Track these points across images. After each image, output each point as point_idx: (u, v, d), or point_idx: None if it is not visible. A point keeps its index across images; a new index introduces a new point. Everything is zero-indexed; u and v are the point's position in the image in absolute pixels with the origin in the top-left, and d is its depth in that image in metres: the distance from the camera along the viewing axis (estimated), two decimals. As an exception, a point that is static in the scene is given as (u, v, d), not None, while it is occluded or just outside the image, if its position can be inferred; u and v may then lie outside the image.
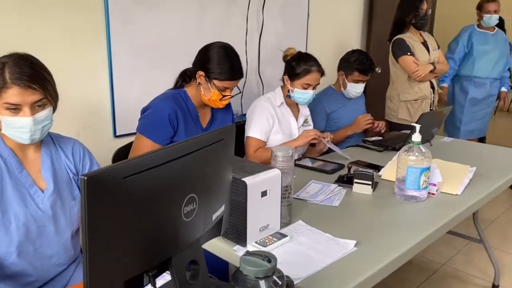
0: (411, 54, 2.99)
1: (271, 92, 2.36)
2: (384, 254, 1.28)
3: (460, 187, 1.77)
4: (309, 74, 2.24)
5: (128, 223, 0.76)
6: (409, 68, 2.99)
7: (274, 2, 2.90)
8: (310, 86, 2.25)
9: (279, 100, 2.31)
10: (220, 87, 1.85)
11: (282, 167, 1.40)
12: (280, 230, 1.38)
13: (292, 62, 2.27)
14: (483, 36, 3.60)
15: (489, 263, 2.49)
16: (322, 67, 2.29)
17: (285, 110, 2.32)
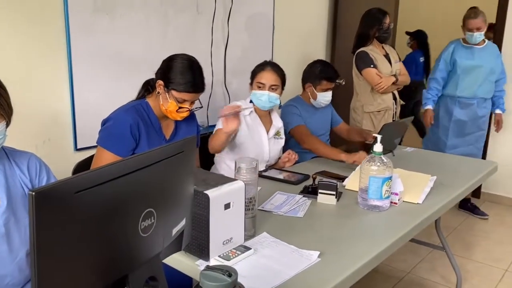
0: (374, 66, 3.06)
1: (242, 101, 2.36)
2: (348, 264, 1.29)
3: (421, 196, 1.81)
4: (262, 72, 2.26)
5: (81, 240, 0.73)
6: (372, 80, 3.06)
7: (239, 14, 2.92)
8: (265, 86, 2.24)
9: (248, 109, 2.30)
10: (178, 98, 1.82)
11: (246, 178, 1.39)
12: (244, 243, 1.36)
13: (254, 67, 2.33)
14: (468, 51, 3.35)
15: (452, 270, 2.55)
16: (281, 70, 2.28)
17: (254, 118, 2.32)
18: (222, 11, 2.81)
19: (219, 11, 2.78)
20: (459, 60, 3.34)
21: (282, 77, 2.31)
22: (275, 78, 2.27)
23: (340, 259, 1.32)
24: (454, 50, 3.41)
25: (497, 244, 3.11)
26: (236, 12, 2.89)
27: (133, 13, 2.35)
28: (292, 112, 2.63)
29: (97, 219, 0.75)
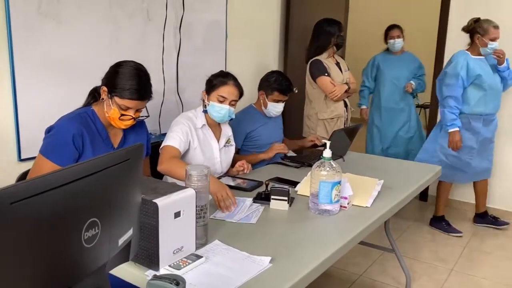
0: (328, 75, 3.14)
1: (192, 111, 2.32)
2: (299, 268, 1.30)
3: (370, 200, 1.87)
4: (225, 85, 2.21)
5: (17, 253, 0.69)
6: (326, 88, 3.13)
7: (191, 21, 2.91)
8: (226, 100, 2.20)
9: (200, 122, 2.26)
10: (121, 105, 1.77)
11: (197, 186, 1.38)
12: (195, 251, 1.35)
13: (211, 77, 2.28)
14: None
15: (401, 271, 2.63)
16: (241, 86, 2.27)
17: (206, 131, 2.28)
18: (173, 17, 2.79)
19: (171, 18, 2.76)
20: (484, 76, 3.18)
21: (241, 93, 2.29)
22: (237, 93, 2.25)
23: (292, 264, 1.34)
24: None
25: (443, 245, 3.24)
26: (188, 19, 2.87)
27: (80, 18, 2.29)
28: (237, 131, 2.64)
29: (36, 230, 0.72)
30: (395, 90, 3.97)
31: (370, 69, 4.09)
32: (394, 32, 3.90)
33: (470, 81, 3.19)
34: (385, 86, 3.99)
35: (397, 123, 4.01)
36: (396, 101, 3.98)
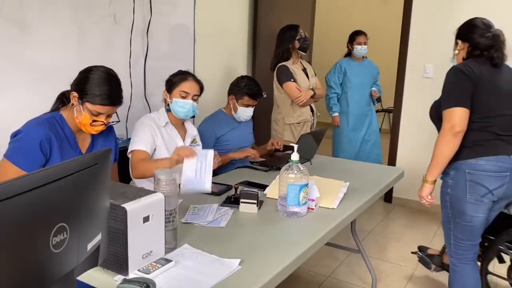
0: (294, 80, 3.19)
1: (155, 112, 2.33)
2: (267, 270, 1.32)
3: (336, 201, 1.91)
4: (185, 81, 2.26)
5: (-18, 259, 0.69)
6: (292, 93, 3.18)
7: (159, 26, 2.90)
8: (189, 95, 2.24)
9: (164, 120, 2.27)
10: (92, 111, 1.76)
11: (166, 190, 1.38)
12: (165, 255, 1.35)
13: (170, 77, 2.32)
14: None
15: (368, 271, 2.70)
16: (201, 81, 2.31)
17: (170, 130, 2.29)
18: (141, 22, 2.77)
19: (138, 22, 2.74)
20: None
21: (202, 88, 2.34)
22: (198, 88, 2.30)
23: (260, 265, 1.36)
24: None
25: (407, 245, 3.34)
26: (156, 23, 2.86)
27: (44, 22, 2.25)
28: (207, 136, 2.66)
29: (2, 235, 0.71)
30: (361, 96, 4.08)
31: (337, 75, 4.11)
32: (361, 38, 3.98)
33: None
34: (352, 92, 4.06)
35: (363, 128, 4.13)
36: (362, 106, 4.10)
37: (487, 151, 1.91)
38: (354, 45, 3.99)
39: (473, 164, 1.92)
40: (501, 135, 1.93)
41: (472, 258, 2.08)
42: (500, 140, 1.93)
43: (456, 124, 1.90)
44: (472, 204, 1.96)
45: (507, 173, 1.90)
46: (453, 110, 1.91)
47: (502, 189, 1.92)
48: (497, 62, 1.97)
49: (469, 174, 1.94)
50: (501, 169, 1.90)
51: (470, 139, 1.93)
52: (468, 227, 2.01)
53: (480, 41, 1.99)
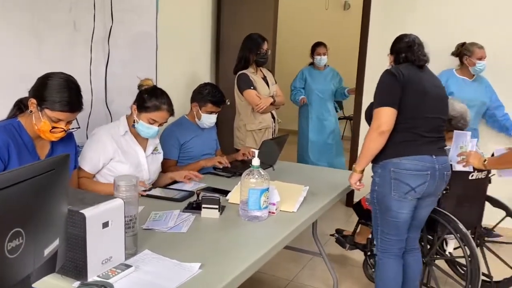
0: (253, 88, 3.24)
1: (116, 121, 2.31)
2: (227, 272, 1.35)
3: (296, 205, 1.97)
4: (158, 111, 2.21)
5: None
6: (252, 101, 3.23)
7: (120, 33, 2.89)
8: (156, 123, 2.22)
9: (123, 129, 2.25)
10: (52, 117, 1.73)
11: (126, 196, 1.39)
12: (125, 261, 1.36)
13: (145, 94, 2.25)
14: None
15: (329, 274, 2.76)
16: (173, 108, 2.28)
17: (130, 139, 2.27)
18: (102, 29, 2.75)
19: (99, 29, 2.72)
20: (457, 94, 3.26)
21: (172, 115, 2.32)
22: (168, 117, 2.28)
23: (221, 268, 1.38)
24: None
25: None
26: (117, 31, 2.85)
27: (0, 27, 2.20)
28: (171, 144, 2.66)
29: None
30: (321, 102, 4.33)
31: (298, 81, 4.41)
32: (321, 49, 4.28)
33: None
34: (312, 99, 4.33)
35: (324, 132, 4.30)
36: (322, 112, 4.35)
37: (410, 151, 2.03)
38: (315, 55, 4.29)
39: (396, 163, 2.04)
40: (425, 136, 2.04)
41: (396, 253, 2.20)
42: (424, 140, 2.05)
43: (382, 123, 2.00)
44: (397, 201, 2.07)
45: (428, 171, 2.02)
46: (381, 110, 2.02)
47: (423, 187, 2.03)
48: (419, 62, 2.12)
49: (393, 172, 2.05)
50: (423, 168, 2.02)
51: (396, 139, 2.04)
52: (394, 223, 2.13)
53: (400, 46, 2.18)
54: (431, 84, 2.12)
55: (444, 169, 2.09)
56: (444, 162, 2.10)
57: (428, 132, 2.06)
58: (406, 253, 2.26)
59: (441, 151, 2.11)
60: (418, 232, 2.29)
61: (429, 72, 2.18)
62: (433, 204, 2.21)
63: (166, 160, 2.57)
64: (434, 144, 2.08)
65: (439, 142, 2.12)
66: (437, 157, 2.06)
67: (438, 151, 2.09)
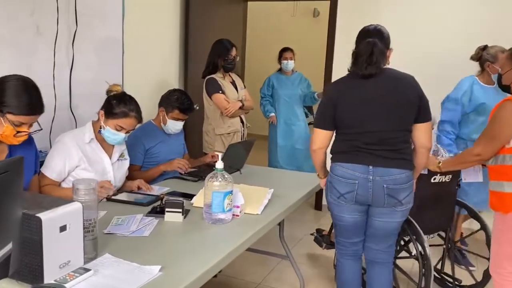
0: (222, 92, 3.26)
1: (81, 128, 2.28)
2: (188, 275, 1.36)
3: (260, 207, 1.99)
4: (126, 118, 2.18)
5: None
6: (220, 104, 3.25)
7: (85, 37, 2.86)
8: (123, 130, 2.20)
9: (89, 135, 2.21)
10: (14, 121, 1.71)
11: (85, 200, 1.38)
12: (84, 265, 1.35)
13: (113, 100, 2.22)
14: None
15: (296, 276, 2.79)
16: (141, 115, 2.26)
17: (95, 146, 2.23)
18: (66, 33, 2.72)
19: (63, 33, 2.69)
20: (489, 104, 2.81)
21: (140, 122, 2.30)
22: (136, 124, 2.26)
23: (182, 271, 1.39)
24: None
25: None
26: (82, 35, 2.82)
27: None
28: (136, 149, 2.64)
29: None
30: (288, 107, 4.39)
31: (266, 87, 4.48)
32: (287, 54, 4.35)
33: (472, 107, 3.02)
34: (280, 104, 4.39)
35: (292, 137, 4.36)
36: (290, 117, 4.40)
37: (345, 159, 2.05)
38: (282, 60, 4.36)
39: (332, 168, 2.11)
40: (362, 147, 2.00)
41: (351, 254, 2.25)
42: (361, 151, 2.01)
43: (313, 142, 2.12)
44: (334, 204, 2.13)
45: (356, 181, 2.01)
46: (315, 130, 2.12)
47: (352, 194, 2.04)
48: (363, 73, 1.98)
49: (330, 176, 2.13)
50: (351, 176, 2.02)
51: (337, 147, 2.10)
52: (339, 226, 2.19)
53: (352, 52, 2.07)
54: (378, 94, 1.99)
55: (384, 182, 1.99)
56: (385, 174, 1.99)
57: (368, 145, 2.00)
58: (372, 264, 2.23)
59: (385, 163, 1.99)
60: (379, 243, 2.17)
61: (384, 80, 1.99)
62: (390, 217, 2.09)
63: (130, 165, 2.56)
64: (376, 156, 1.99)
65: (387, 153, 1.99)
66: (376, 168, 1.98)
67: (380, 162, 1.99)
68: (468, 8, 3.73)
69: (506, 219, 2.01)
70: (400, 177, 2.01)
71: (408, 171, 2.04)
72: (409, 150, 2.06)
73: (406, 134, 2.03)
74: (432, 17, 3.82)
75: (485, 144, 2.02)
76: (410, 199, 2.09)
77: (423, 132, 2.04)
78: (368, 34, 2.06)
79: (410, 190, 2.07)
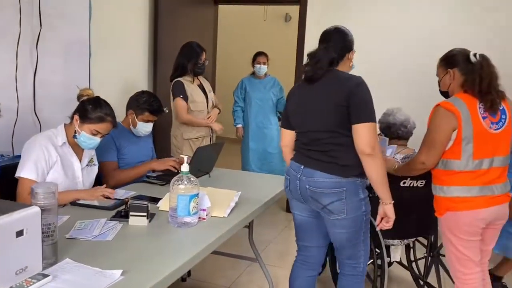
0: (182, 97, 3.25)
1: (52, 130, 2.23)
2: (150, 279, 1.34)
3: (227, 210, 1.99)
4: (102, 122, 2.18)
5: None
6: (178, 110, 3.28)
7: (50, 39, 2.80)
8: (99, 134, 2.19)
9: (61, 139, 2.18)
10: None
11: (44, 204, 1.35)
12: (43, 271, 1.31)
13: (88, 104, 2.19)
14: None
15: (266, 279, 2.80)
16: (116, 119, 2.26)
17: (67, 150, 2.20)
18: (29, 34, 2.66)
19: (26, 35, 2.62)
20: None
21: (115, 127, 2.30)
22: (111, 128, 2.25)
23: (144, 275, 1.37)
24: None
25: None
26: (47, 36, 2.76)
27: None
28: (109, 147, 2.60)
29: None
30: (259, 110, 4.43)
31: (239, 91, 4.49)
32: (261, 58, 4.39)
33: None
34: (252, 107, 4.42)
35: (264, 140, 4.38)
36: (261, 120, 4.44)
37: (293, 157, 2.07)
38: (255, 64, 4.39)
39: None
40: (301, 148, 2.02)
41: (300, 260, 2.21)
42: (301, 151, 2.02)
43: (281, 139, 2.15)
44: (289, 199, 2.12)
45: (288, 177, 2.04)
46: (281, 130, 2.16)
47: (288, 189, 2.06)
48: (305, 77, 1.99)
49: None
50: (287, 172, 2.06)
51: None
52: (294, 224, 2.17)
53: None
54: (311, 95, 1.96)
55: (307, 182, 1.93)
56: (310, 175, 1.93)
57: (303, 144, 2.00)
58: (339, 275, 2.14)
59: (313, 164, 1.93)
60: (341, 254, 2.07)
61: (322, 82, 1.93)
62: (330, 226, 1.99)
63: (106, 163, 2.52)
64: (307, 156, 1.97)
65: (317, 155, 1.93)
66: (305, 168, 1.95)
67: (309, 162, 1.94)
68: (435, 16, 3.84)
69: (441, 222, 2.09)
70: (322, 181, 1.90)
71: (337, 177, 1.88)
72: (345, 155, 1.89)
73: (334, 136, 1.89)
74: (402, 22, 3.91)
75: (426, 152, 2.04)
76: (340, 208, 1.90)
77: (356, 134, 1.84)
78: (323, 36, 2.07)
79: (337, 198, 1.89)
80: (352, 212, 1.92)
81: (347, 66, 2.05)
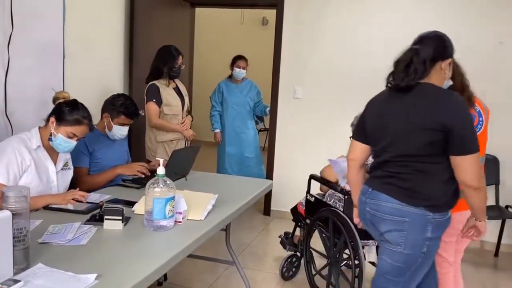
0: (156, 101, 3.23)
1: (26, 132, 2.18)
2: (124, 283, 1.33)
3: (204, 213, 1.98)
4: (80, 125, 2.16)
5: None
6: (150, 115, 3.26)
7: (22, 40, 2.73)
8: (76, 137, 2.17)
9: (36, 142, 2.14)
10: None
11: (15, 208, 1.32)
12: (14, 276, 1.28)
13: (65, 107, 2.17)
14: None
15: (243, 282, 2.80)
16: (92, 122, 2.25)
17: (41, 154, 2.16)
18: (1, 35, 2.60)
19: (-3, 35, 2.57)
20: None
21: (92, 130, 2.29)
22: (87, 131, 2.24)
23: (119, 279, 1.36)
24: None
25: (282, 254, 3.52)
26: (19, 38, 2.69)
27: None
28: (80, 151, 2.56)
29: None
30: (236, 115, 4.43)
31: (216, 95, 4.47)
32: (241, 63, 4.36)
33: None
34: (228, 111, 4.42)
35: (241, 144, 4.39)
36: (238, 125, 4.43)
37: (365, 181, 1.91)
38: (234, 67, 4.36)
39: None
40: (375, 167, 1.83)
41: None
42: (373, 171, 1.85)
43: (349, 151, 1.96)
44: None
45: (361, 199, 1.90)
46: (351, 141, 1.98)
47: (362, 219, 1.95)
48: (391, 86, 1.79)
49: None
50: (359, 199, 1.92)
51: None
52: None
53: None
54: (393, 110, 1.75)
55: (369, 205, 1.80)
56: (374, 197, 1.78)
57: (381, 165, 1.80)
58: None
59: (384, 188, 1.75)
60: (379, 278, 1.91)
61: (412, 95, 1.70)
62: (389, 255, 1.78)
63: (77, 168, 2.48)
64: (382, 178, 1.78)
65: (395, 180, 1.73)
66: (373, 191, 1.79)
67: (381, 186, 1.77)
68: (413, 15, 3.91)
69: None
70: (385, 206, 1.72)
71: (401, 204, 1.69)
72: (426, 184, 1.69)
73: (419, 161, 1.68)
74: (379, 26, 3.96)
75: None
76: (397, 240, 1.71)
77: (458, 166, 1.64)
78: (417, 40, 1.80)
79: (394, 227, 1.70)
80: (410, 249, 1.71)
81: (441, 78, 1.77)
